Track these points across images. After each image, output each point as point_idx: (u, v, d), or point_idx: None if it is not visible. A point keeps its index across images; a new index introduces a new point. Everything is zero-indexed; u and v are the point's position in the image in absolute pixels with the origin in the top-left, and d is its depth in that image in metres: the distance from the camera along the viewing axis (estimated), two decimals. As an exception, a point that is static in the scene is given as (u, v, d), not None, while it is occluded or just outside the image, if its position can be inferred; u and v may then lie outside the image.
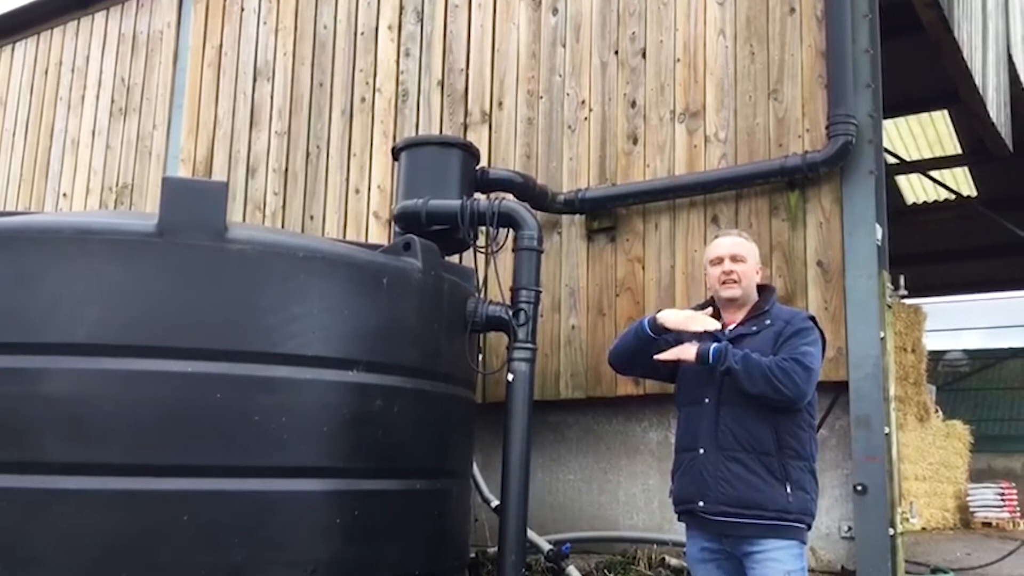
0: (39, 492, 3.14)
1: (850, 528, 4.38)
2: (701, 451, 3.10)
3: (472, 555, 4.49)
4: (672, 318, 3.25)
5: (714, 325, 3.19)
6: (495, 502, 4.46)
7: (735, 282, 3.23)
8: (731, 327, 3.22)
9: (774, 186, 4.87)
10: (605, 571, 4.61)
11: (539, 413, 4.25)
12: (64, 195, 7.83)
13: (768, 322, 3.17)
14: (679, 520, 3.27)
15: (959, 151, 11.09)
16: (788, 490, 3.00)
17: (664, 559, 4.64)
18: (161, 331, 3.30)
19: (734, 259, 3.24)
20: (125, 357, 3.25)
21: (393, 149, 4.99)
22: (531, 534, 4.20)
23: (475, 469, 4.58)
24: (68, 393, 3.22)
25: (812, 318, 3.21)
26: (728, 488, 3.02)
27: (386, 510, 3.62)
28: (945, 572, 5.24)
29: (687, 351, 3.12)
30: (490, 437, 4.63)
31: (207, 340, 3.33)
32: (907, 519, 7.77)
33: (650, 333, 3.25)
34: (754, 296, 3.28)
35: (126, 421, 3.22)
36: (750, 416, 3.06)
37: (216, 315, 3.37)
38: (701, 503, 3.06)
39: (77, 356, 3.23)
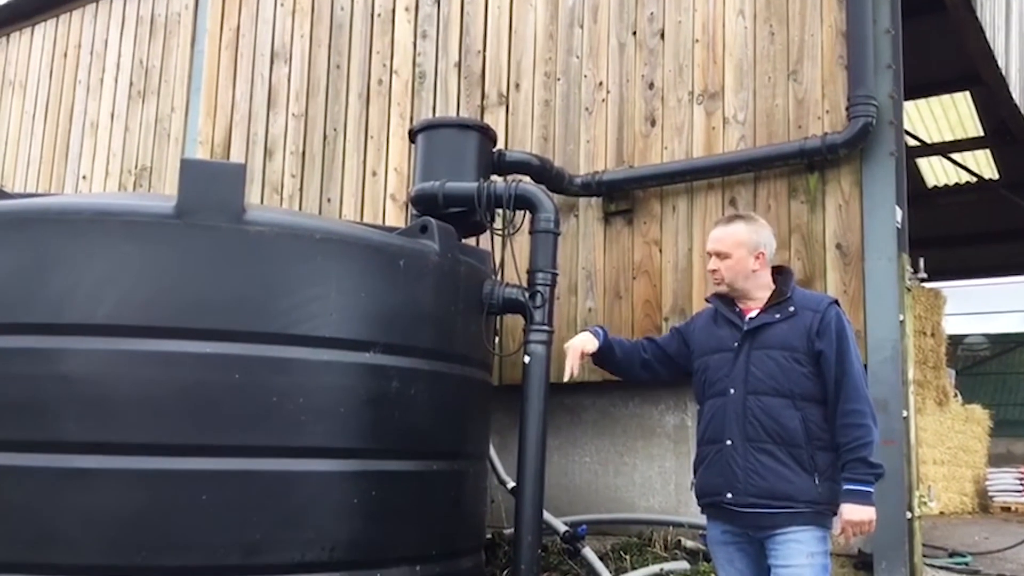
0: (58, 471, 3.18)
1: (867, 512, 4.36)
2: (728, 443, 3.05)
3: (488, 536, 4.51)
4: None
5: (575, 353, 3.36)
6: (511, 484, 4.47)
7: (719, 280, 3.21)
8: (751, 315, 3.15)
9: (793, 168, 4.83)
10: (621, 553, 4.62)
11: (555, 395, 4.24)
12: (84, 177, 7.87)
13: (792, 309, 3.10)
14: (702, 512, 3.24)
15: (981, 133, 10.95)
16: (817, 481, 2.97)
17: (680, 541, 4.65)
18: (179, 312, 3.32)
19: (718, 256, 3.19)
20: (144, 338, 3.27)
21: (410, 131, 4.98)
22: (547, 516, 4.21)
23: (491, 451, 4.59)
24: (87, 373, 3.24)
25: (836, 302, 3.16)
26: (758, 480, 2.98)
27: (403, 491, 3.63)
28: (963, 556, 5.22)
29: (867, 515, 2.96)
30: (506, 419, 4.63)
31: (225, 321, 3.35)
32: (925, 503, 7.74)
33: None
34: (759, 282, 3.20)
35: (145, 401, 3.24)
36: (779, 407, 3.01)
37: (234, 296, 3.39)
38: (729, 495, 3.02)
39: (96, 337, 3.25)
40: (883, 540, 4.17)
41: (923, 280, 5.01)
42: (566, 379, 3.40)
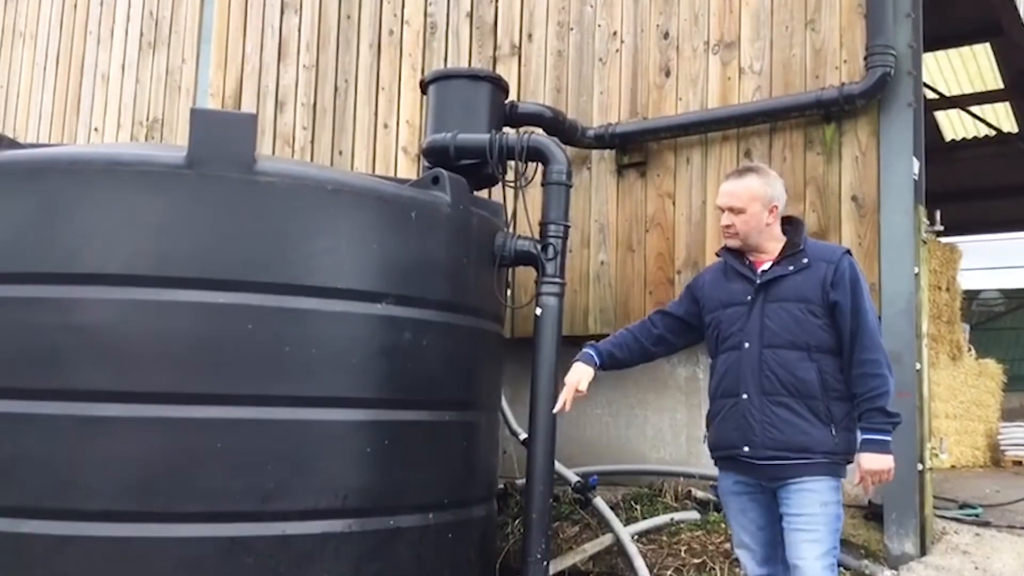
0: (76, 419, 3.21)
1: (878, 463, 4.37)
2: (744, 396, 3.04)
3: (500, 486, 4.56)
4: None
5: (569, 391, 3.27)
6: (523, 435, 4.50)
7: (733, 235, 3.16)
8: (764, 267, 3.13)
9: (809, 119, 4.77)
10: (632, 503, 4.66)
11: (567, 348, 4.25)
12: (96, 129, 7.85)
13: (805, 261, 3.08)
14: (716, 465, 3.24)
15: (1001, 86, 10.78)
16: (833, 431, 2.97)
17: (690, 492, 4.69)
18: (192, 262, 3.32)
19: (732, 211, 3.14)
20: (157, 288, 3.28)
21: (421, 82, 4.93)
22: (558, 466, 4.25)
23: (504, 402, 4.62)
24: (102, 322, 3.26)
25: (848, 252, 3.14)
26: (775, 432, 2.98)
27: (416, 440, 3.66)
28: (974, 508, 5.24)
29: (885, 464, 2.97)
30: (518, 371, 4.64)
31: (237, 272, 3.35)
32: (936, 455, 7.76)
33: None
34: (771, 235, 3.16)
35: (159, 350, 3.26)
36: (794, 360, 3.01)
37: (246, 247, 3.39)
38: (746, 448, 3.02)
39: (110, 286, 3.26)
40: (894, 491, 4.19)
41: (939, 234, 4.94)
42: (556, 411, 3.41)
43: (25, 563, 3.17)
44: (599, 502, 4.46)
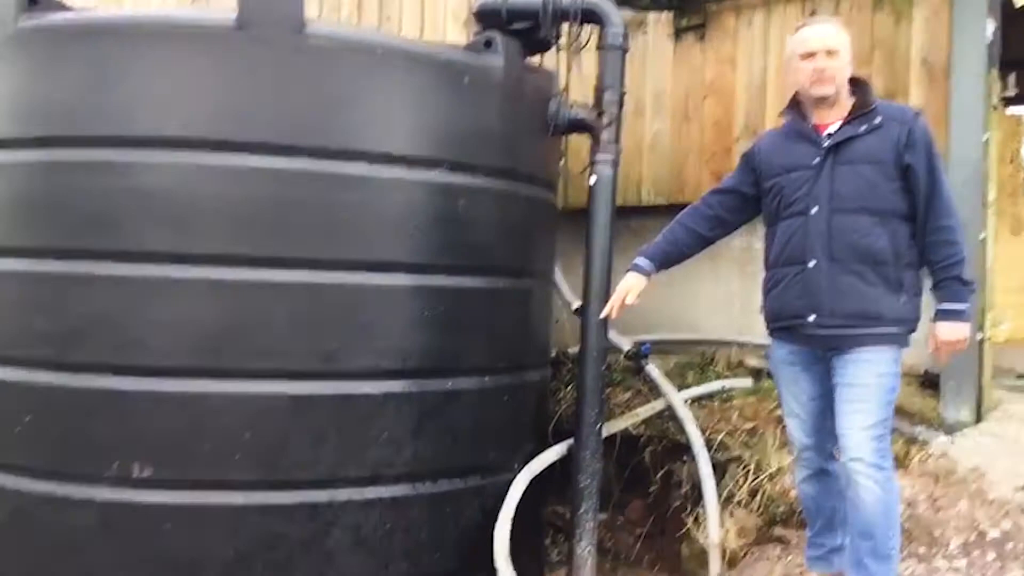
0: (140, 280, 3.28)
1: (937, 332, 4.33)
2: (811, 263, 2.93)
3: (553, 354, 4.61)
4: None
5: (618, 298, 3.29)
6: (576, 304, 4.52)
7: (829, 80, 2.95)
8: (832, 127, 2.97)
9: (879, -23, 4.53)
10: (684, 371, 4.70)
11: (621, 218, 4.21)
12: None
13: (878, 121, 2.92)
14: (773, 335, 3.17)
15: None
16: (903, 300, 2.88)
17: (742, 361, 4.70)
18: (246, 126, 3.31)
19: (829, 54, 2.94)
20: (213, 151, 3.28)
21: (472, -57, 4.74)
22: (611, 334, 4.27)
23: (557, 272, 4.62)
24: (160, 186, 3.29)
25: (920, 113, 2.98)
26: (844, 301, 2.88)
27: (471, 306, 3.70)
28: (1031, 379, 5.22)
29: (962, 334, 2.91)
30: (571, 242, 4.63)
31: (292, 136, 3.34)
32: (997, 326, 7.66)
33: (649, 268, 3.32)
34: (845, 92, 3.00)
35: (219, 214, 3.29)
36: (866, 225, 2.88)
37: (298, 111, 3.36)
38: (812, 317, 2.93)
39: (167, 150, 3.28)
40: (952, 360, 4.14)
41: (1011, 100, 4.75)
42: (603, 315, 3.43)
43: (102, 418, 3.31)
44: (651, 369, 4.50)
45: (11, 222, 3.45)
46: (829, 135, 2.98)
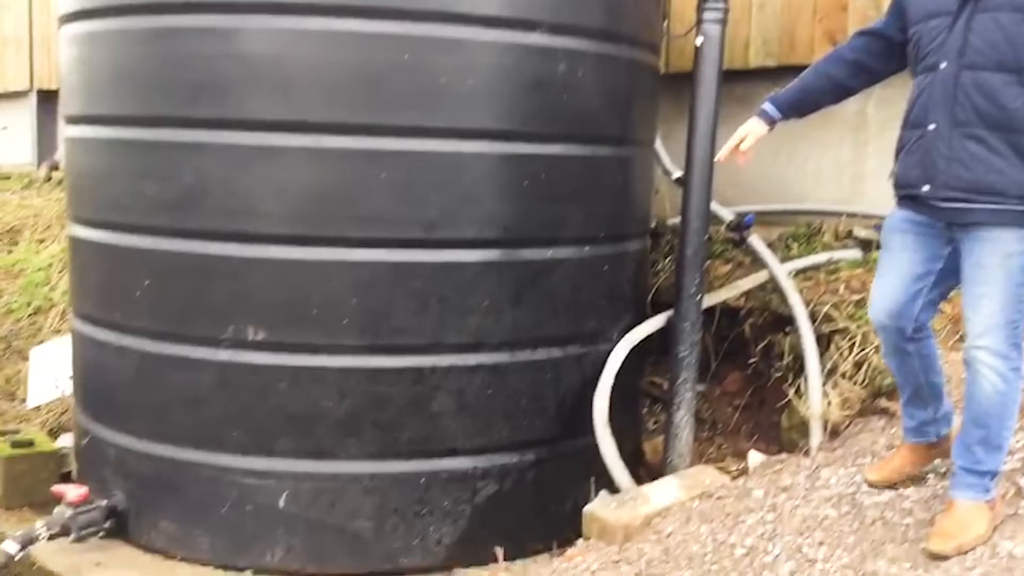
0: (245, 148, 3.32)
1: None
2: (931, 127, 2.65)
3: (652, 225, 4.54)
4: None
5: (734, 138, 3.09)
6: (677, 173, 4.40)
7: None
8: None
9: None
10: (788, 241, 4.57)
11: (726, 85, 4.02)
12: None
13: None
14: (899, 205, 2.90)
15: None
16: None
17: (851, 231, 4.53)
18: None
19: None
20: (315, 16, 3.25)
21: None
22: (713, 204, 4.15)
23: (657, 140, 4.50)
24: (264, 52, 3.28)
25: None
26: (963, 171, 2.60)
27: (571, 174, 3.64)
28: None
29: None
30: (672, 109, 4.48)
31: (389, -1, 3.27)
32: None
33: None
34: None
35: (320, 80, 3.27)
36: (999, 84, 2.55)
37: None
38: (927, 187, 2.67)
39: (268, 15, 3.26)
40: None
41: None
42: (716, 159, 3.22)
43: (216, 283, 3.43)
44: (755, 240, 4.38)
45: (118, 90, 3.53)
46: None
